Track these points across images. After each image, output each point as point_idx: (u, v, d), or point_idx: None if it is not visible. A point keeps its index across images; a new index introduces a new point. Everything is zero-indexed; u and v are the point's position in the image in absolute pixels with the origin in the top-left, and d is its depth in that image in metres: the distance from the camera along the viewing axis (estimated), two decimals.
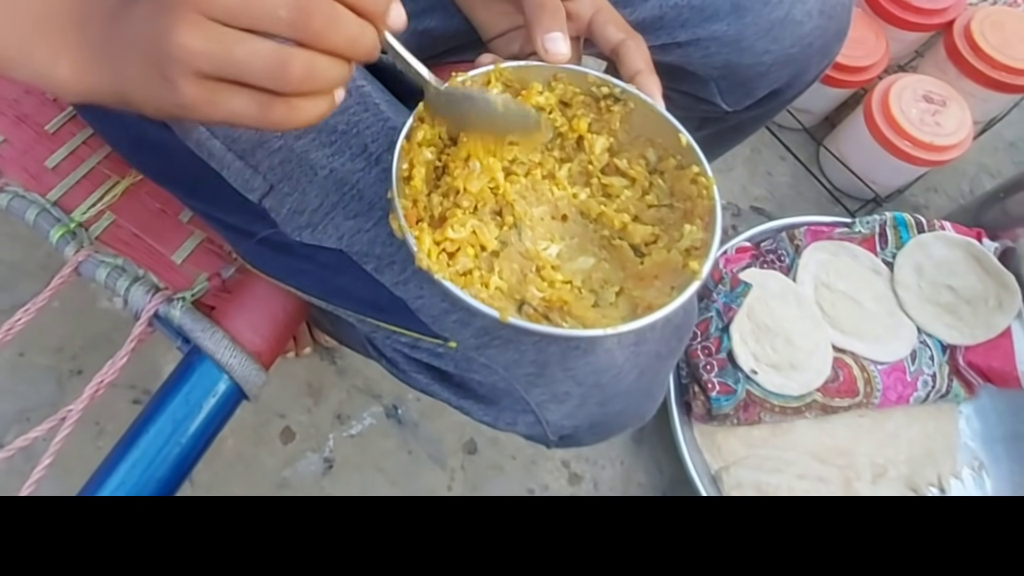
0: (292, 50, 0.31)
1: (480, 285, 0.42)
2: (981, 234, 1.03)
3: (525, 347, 0.46)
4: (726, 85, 0.66)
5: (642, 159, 0.48)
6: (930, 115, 1.09)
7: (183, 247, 0.55)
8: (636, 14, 0.60)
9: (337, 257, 0.46)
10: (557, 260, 0.45)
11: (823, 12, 0.61)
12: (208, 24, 0.31)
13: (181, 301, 0.51)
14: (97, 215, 0.54)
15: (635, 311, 0.42)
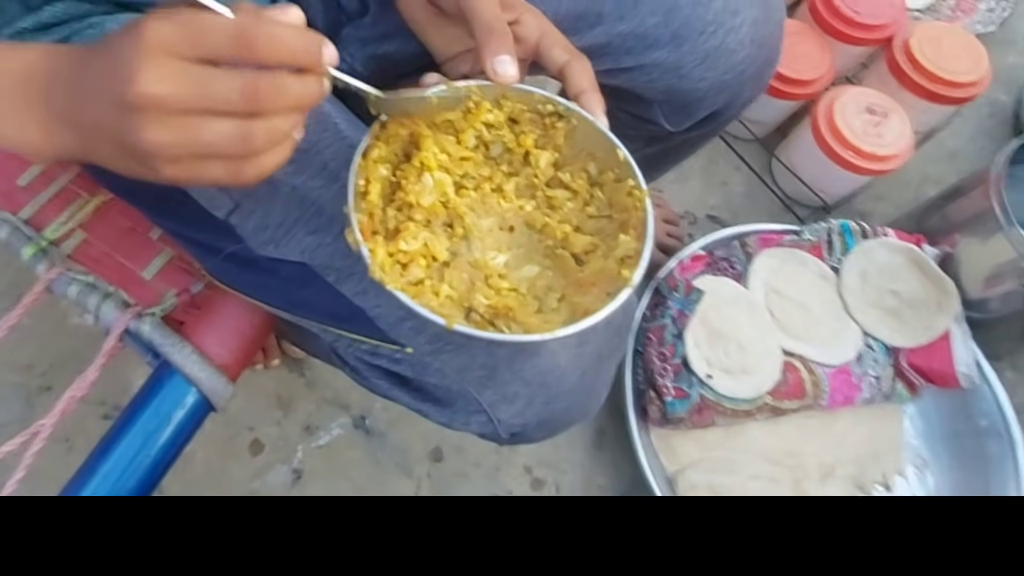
0: (251, 124, 0.36)
1: (431, 294, 0.47)
2: (921, 240, 1.11)
3: (476, 351, 0.52)
4: (668, 108, 0.72)
5: (584, 173, 0.53)
6: (872, 126, 1.17)
7: (152, 264, 0.59)
8: (584, 41, 0.66)
9: (300, 270, 0.51)
10: (504, 269, 0.50)
11: (754, 41, 0.68)
12: (168, 119, 0.35)
13: (151, 317, 0.55)
14: (68, 233, 0.59)
15: (574, 316, 0.47)
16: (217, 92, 0.35)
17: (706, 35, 0.65)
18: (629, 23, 0.65)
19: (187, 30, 0.35)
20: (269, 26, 0.35)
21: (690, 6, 0.64)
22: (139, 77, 0.34)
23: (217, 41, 0.35)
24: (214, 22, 0.35)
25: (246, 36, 0.35)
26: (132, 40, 0.35)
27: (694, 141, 0.84)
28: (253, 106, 0.36)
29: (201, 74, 0.35)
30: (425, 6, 0.56)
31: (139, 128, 0.35)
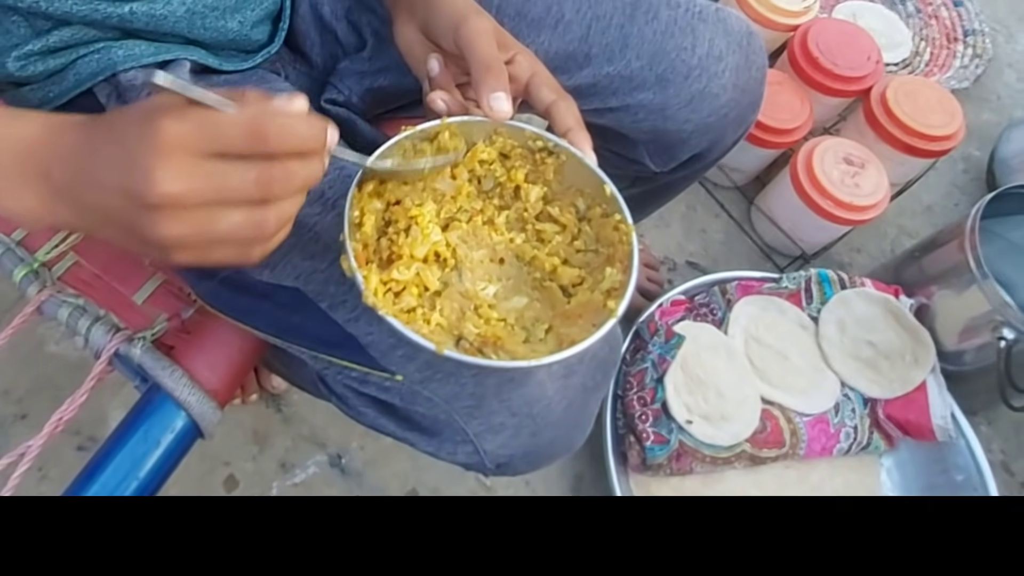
0: (263, 211, 0.40)
1: (422, 321, 0.51)
2: (899, 291, 1.18)
3: (464, 380, 0.56)
4: (654, 148, 0.79)
5: (572, 207, 0.58)
6: (850, 176, 1.25)
7: (144, 288, 0.63)
8: (573, 80, 0.72)
9: (294, 296, 0.55)
10: (494, 299, 0.54)
11: (737, 86, 0.75)
12: (184, 213, 0.38)
13: (141, 340, 0.59)
14: (60, 255, 0.62)
15: (561, 346, 0.51)
16: (233, 185, 0.38)
17: (691, 79, 0.71)
18: (616, 65, 0.71)
19: (203, 128, 0.38)
20: (279, 119, 0.39)
21: (675, 51, 0.70)
22: (157, 176, 0.37)
23: (232, 137, 0.38)
24: (228, 119, 0.38)
25: (259, 132, 0.38)
26: (148, 137, 0.38)
27: (677, 183, 0.90)
28: (267, 195, 0.39)
29: (216, 169, 0.38)
30: (422, 42, 0.62)
31: (155, 224, 0.38)
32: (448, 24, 0.58)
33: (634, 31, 0.71)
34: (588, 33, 0.71)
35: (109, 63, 0.58)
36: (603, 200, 0.56)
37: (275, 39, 0.69)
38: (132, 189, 0.38)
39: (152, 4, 0.56)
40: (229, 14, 0.62)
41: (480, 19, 0.57)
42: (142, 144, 0.38)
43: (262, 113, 0.39)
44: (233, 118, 0.38)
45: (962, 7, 1.71)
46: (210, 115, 0.38)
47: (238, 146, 0.38)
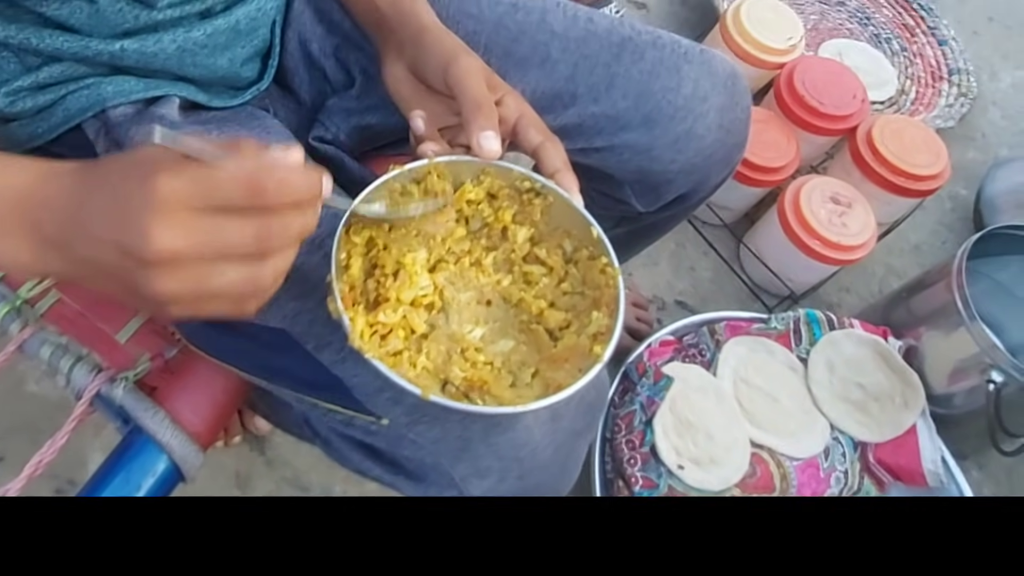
0: (260, 266, 0.41)
1: (408, 365, 0.52)
2: (887, 332, 1.21)
3: (450, 424, 0.57)
4: (640, 188, 0.81)
5: (559, 249, 0.60)
6: (837, 216, 1.29)
7: (127, 327, 0.64)
8: (559, 120, 0.74)
9: (279, 337, 0.56)
10: (481, 342, 0.56)
11: (722, 127, 0.77)
12: (180, 270, 0.39)
13: (124, 381, 0.60)
14: (42, 292, 0.63)
15: (547, 391, 0.53)
16: (231, 241, 0.40)
17: (676, 119, 0.74)
18: (601, 105, 0.73)
19: (200, 184, 0.39)
20: (277, 173, 0.40)
21: (661, 91, 0.73)
22: (154, 233, 0.38)
23: (230, 193, 0.39)
24: (225, 175, 0.39)
25: (257, 187, 0.40)
26: (145, 194, 0.38)
27: (663, 223, 0.93)
28: (265, 250, 0.41)
29: (214, 224, 0.39)
30: (411, 81, 0.64)
31: (150, 280, 0.39)
32: (438, 63, 0.60)
33: (620, 71, 0.73)
34: (574, 72, 0.73)
35: (98, 99, 0.60)
36: (590, 242, 0.58)
37: (264, 76, 0.71)
38: (127, 245, 0.39)
39: (143, 42, 0.58)
40: (219, 51, 0.64)
41: (470, 58, 0.60)
42: (138, 200, 0.39)
43: (259, 168, 0.40)
44: (230, 173, 0.39)
45: (946, 46, 1.77)
46: (206, 171, 0.39)
47: (236, 201, 0.39)
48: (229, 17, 0.63)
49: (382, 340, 0.52)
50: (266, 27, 0.69)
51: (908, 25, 1.82)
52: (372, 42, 0.71)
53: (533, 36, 0.73)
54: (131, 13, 0.57)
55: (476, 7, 0.74)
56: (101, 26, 0.57)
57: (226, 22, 0.63)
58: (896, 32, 1.82)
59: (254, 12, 0.65)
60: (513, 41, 0.73)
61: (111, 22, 0.56)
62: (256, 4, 0.65)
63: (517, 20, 0.74)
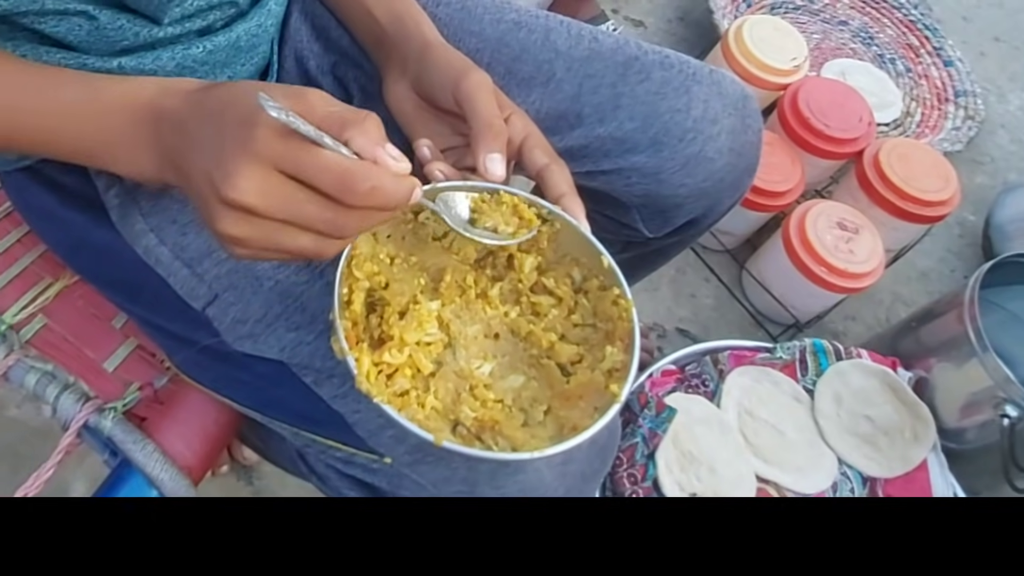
0: (328, 244, 0.45)
1: (417, 405, 0.51)
2: (896, 363, 1.22)
3: (456, 465, 0.57)
4: (647, 212, 0.81)
5: (568, 278, 0.60)
6: (844, 242, 1.30)
7: (115, 354, 0.63)
8: (564, 142, 0.74)
9: (276, 368, 0.56)
10: (489, 379, 0.55)
11: (733, 150, 0.78)
12: (252, 220, 0.43)
13: (112, 411, 0.59)
14: (28, 317, 0.63)
15: (561, 431, 0.53)
16: (306, 214, 0.43)
17: (685, 142, 0.74)
18: (608, 126, 0.74)
19: (296, 155, 0.42)
20: (372, 178, 0.43)
21: (669, 112, 0.73)
22: (239, 182, 0.42)
23: (320, 179, 0.43)
24: (323, 161, 0.43)
25: (346, 186, 0.43)
26: (242, 140, 0.42)
27: (669, 248, 0.93)
28: (336, 234, 0.44)
29: (294, 193, 0.43)
30: (414, 100, 0.64)
31: (223, 218, 0.43)
32: (445, 80, 0.60)
33: (626, 91, 0.73)
34: (579, 92, 0.74)
35: None
36: (600, 272, 0.58)
37: None
38: (214, 181, 0.43)
39: (141, 59, 0.58)
40: (219, 69, 0.64)
41: (479, 74, 0.60)
42: (235, 143, 0.43)
43: (356, 167, 0.43)
44: (328, 161, 0.43)
45: (952, 67, 1.80)
46: (307, 146, 0.43)
47: (323, 187, 0.43)
48: (229, 34, 0.63)
49: (388, 380, 0.51)
50: (266, 44, 0.69)
51: (912, 45, 1.85)
52: (372, 59, 0.71)
53: (536, 55, 0.74)
54: (131, 30, 0.57)
55: (478, 25, 0.74)
56: (100, 43, 0.57)
57: (226, 39, 0.63)
58: (900, 52, 1.84)
59: (254, 29, 0.65)
60: (516, 60, 0.74)
61: (110, 39, 0.56)
62: (256, 20, 0.65)
63: (520, 38, 0.74)
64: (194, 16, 0.60)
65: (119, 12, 0.56)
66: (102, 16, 0.55)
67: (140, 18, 0.57)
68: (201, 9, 0.60)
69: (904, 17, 1.87)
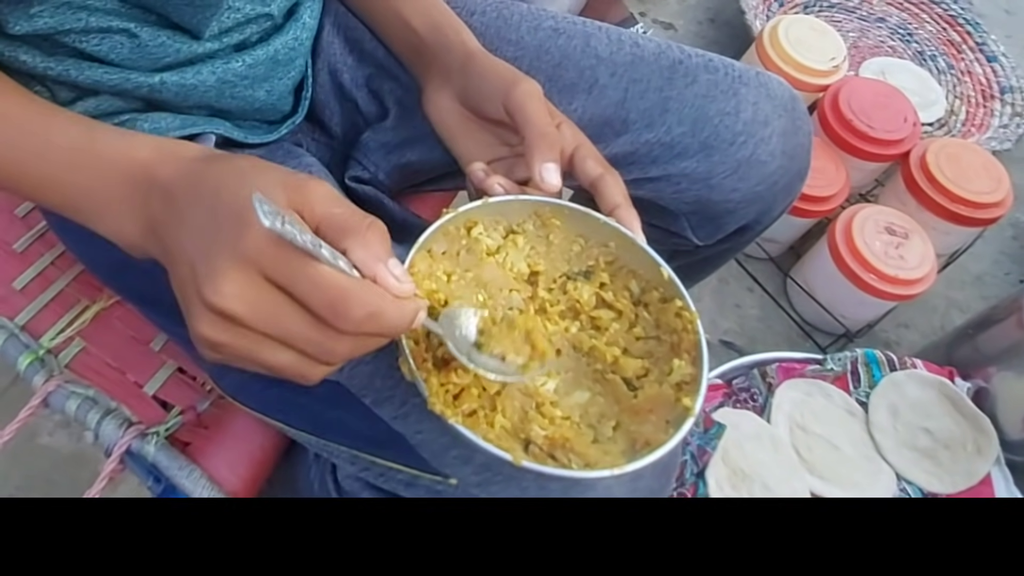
0: (313, 367, 0.43)
1: (486, 425, 0.52)
2: (954, 373, 1.22)
3: (527, 484, 0.57)
4: (697, 220, 0.82)
5: (626, 291, 0.61)
6: (894, 248, 1.30)
7: (155, 377, 0.65)
8: (609, 149, 0.76)
9: (333, 390, 0.57)
10: (555, 396, 0.56)
11: (785, 153, 0.79)
12: (231, 327, 0.41)
13: (155, 436, 0.60)
14: (66, 341, 0.64)
15: (634, 446, 0.53)
16: (292, 331, 0.41)
17: (736, 145, 0.75)
18: (656, 131, 0.75)
19: (289, 267, 0.40)
20: (370, 303, 0.41)
21: (719, 115, 0.74)
22: (222, 286, 0.40)
23: (313, 296, 0.41)
24: (317, 276, 0.40)
25: (341, 311, 0.40)
26: (234, 237, 0.40)
27: (718, 257, 0.94)
28: (322, 357, 0.42)
29: (282, 307, 0.41)
30: (458, 111, 0.66)
31: (201, 319, 0.41)
32: (494, 89, 0.62)
33: (673, 95, 0.75)
34: (625, 98, 0.75)
35: None
36: (660, 283, 0.59)
37: (299, 109, 0.73)
38: (197, 277, 0.41)
39: (183, 74, 0.60)
40: (258, 83, 0.66)
41: (530, 83, 0.61)
42: (224, 240, 0.41)
43: (353, 289, 0.41)
44: (321, 279, 0.40)
45: (996, 62, 1.80)
46: (303, 259, 0.40)
47: (313, 306, 0.41)
48: (268, 48, 0.65)
49: (455, 400, 0.52)
50: (303, 57, 0.71)
51: (954, 41, 1.86)
52: (409, 71, 0.72)
53: (578, 61, 0.75)
54: (172, 47, 0.59)
55: (515, 33, 0.76)
56: (142, 60, 0.59)
57: (265, 52, 0.65)
58: (941, 49, 1.85)
59: (291, 42, 0.67)
60: (557, 67, 0.75)
61: (152, 56, 0.58)
62: (292, 33, 0.67)
63: (559, 45, 0.76)
64: (232, 30, 0.62)
65: (160, 29, 0.58)
66: (143, 33, 0.57)
67: (180, 34, 0.59)
68: (239, 23, 0.62)
69: (944, 12, 1.88)
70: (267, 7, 0.63)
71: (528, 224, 0.61)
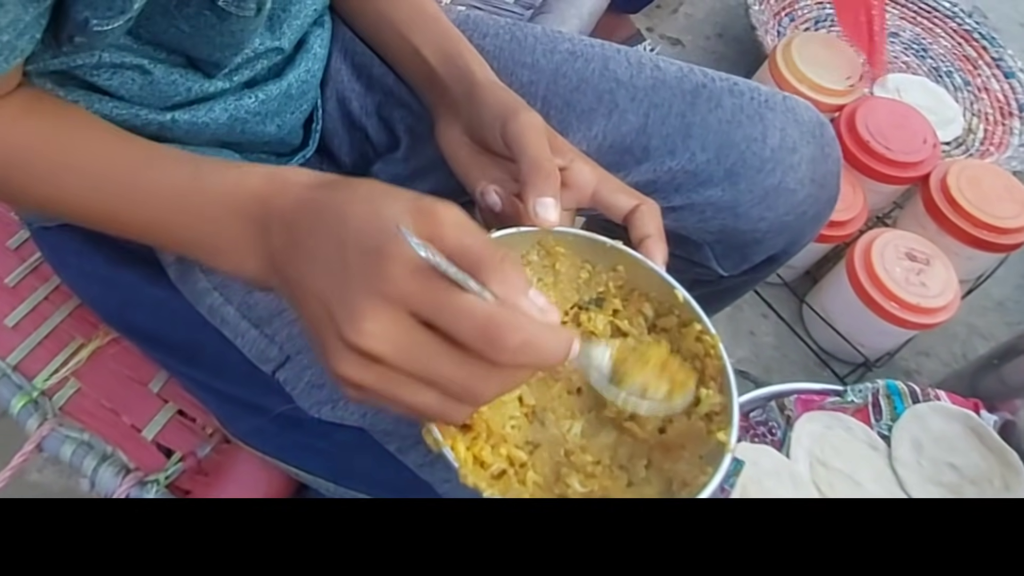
0: (459, 408, 0.42)
1: (518, 485, 0.51)
2: (979, 405, 1.21)
3: None
4: (722, 249, 0.82)
5: (640, 316, 0.60)
6: (915, 274, 1.30)
7: (154, 421, 0.64)
8: (630, 177, 0.75)
9: (356, 436, 0.56)
10: (583, 440, 0.55)
11: (814, 180, 0.78)
12: (374, 367, 0.40)
13: (155, 484, 0.59)
14: (61, 382, 0.63)
15: (670, 487, 0.53)
16: (439, 372, 0.40)
17: (764, 172, 0.74)
18: (679, 159, 0.74)
19: (435, 299, 0.39)
20: (523, 331, 0.39)
21: (744, 141, 0.73)
22: (366, 325, 0.39)
23: (460, 328, 0.39)
24: (467, 304, 0.39)
25: (493, 338, 0.39)
26: (373, 274, 0.39)
27: (740, 287, 0.94)
28: (467, 396, 0.41)
29: (428, 345, 0.39)
30: (468, 144, 0.65)
31: (342, 360, 0.40)
32: (493, 119, 0.61)
33: (696, 120, 0.74)
34: (646, 123, 0.74)
35: None
36: (675, 306, 0.58)
37: (310, 142, 0.72)
38: (335, 317, 0.40)
39: (195, 112, 0.59)
40: (270, 119, 0.65)
41: (529, 114, 0.60)
42: (364, 276, 0.40)
43: (505, 317, 0.39)
44: (471, 307, 0.39)
45: (1014, 78, 1.80)
46: (448, 288, 0.39)
47: (463, 337, 0.39)
48: (281, 83, 0.64)
49: (482, 465, 0.51)
50: (315, 89, 0.71)
51: (969, 56, 1.86)
52: (422, 99, 0.72)
53: (596, 85, 0.75)
54: (184, 85, 0.58)
55: (531, 56, 0.75)
56: (152, 97, 0.58)
57: (278, 88, 0.64)
58: (957, 65, 1.86)
59: (303, 75, 0.67)
60: (574, 91, 0.74)
61: (163, 94, 0.58)
62: (304, 66, 0.66)
63: (577, 68, 0.75)
64: (242, 67, 0.62)
65: (172, 67, 0.58)
66: (156, 71, 0.57)
67: (193, 72, 0.59)
68: (249, 59, 0.62)
69: (959, 27, 1.89)
70: (277, 40, 0.63)
71: (532, 255, 0.60)
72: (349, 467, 0.58)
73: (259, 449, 0.59)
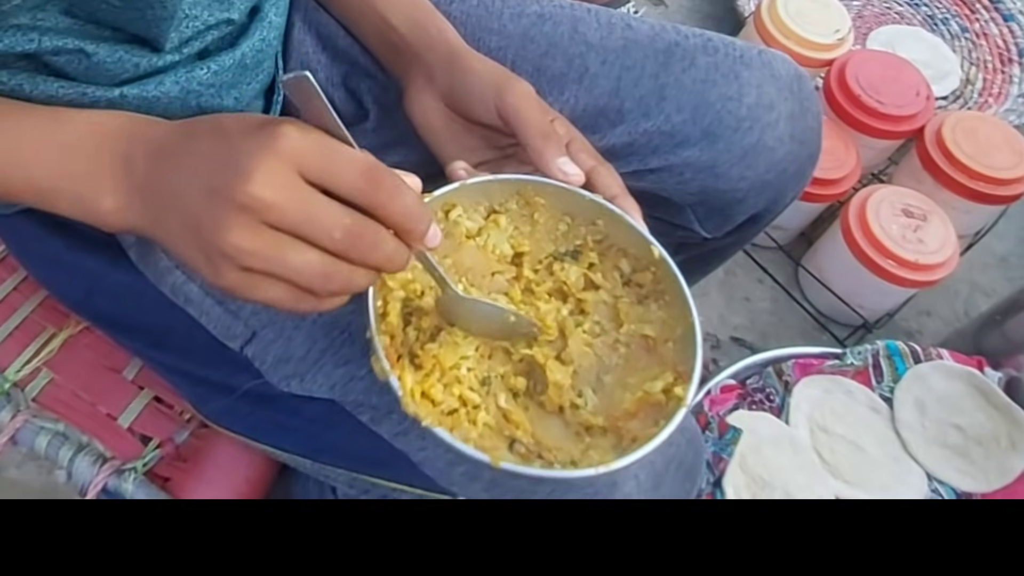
0: (337, 264, 0.45)
1: (468, 423, 0.53)
2: (983, 363, 1.23)
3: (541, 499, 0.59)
4: (703, 211, 0.84)
5: (616, 271, 0.62)
6: (912, 231, 1.32)
7: (129, 408, 0.66)
8: (606, 140, 0.77)
9: (328, 408, 0.58)
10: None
11: (794, 137, 0.80)
12: (262, 228, 0.44)
13: (133, 472, 0.61)
14: (33, 373, 0.65)
15: (621, 442, 0.54)
16: (322, 220, 0.44)
17: (741, 131, 0.76)
18: (654, 120, 0.76)
19: (321, 151, 0.44)
20: (397, 179, 0.46)
21: (720, 101, 0.75)
22: (255, 177, 0.43)
23: (346, 171, 0.45)
24: (348, 153, 0.45)
25: (374, 178, 0.45)
26: (262, 139, 0.44)
27: (727, 248, 0.96)
28: (348, 249, 0.45)
29: (313, 197, 0.44)
30: (443, 112, 0.67)
31: (229, 226, 0.44)
32: (484, 92, 0.63)
33: (670, 81, 0.76)
34: (618, 86, 0.76)
35: None
36: (651, 263, 0.61)
37: (271, 113, 0.74)
38: (221, 181, 0.44)
39: (144, 86, 0.61)
40: (225, 90, 0.67)
41: (522, 84, 0.63)
42: (253, 142, 0.44)
43: (381, 166, 0.46)
44: (355, 155, 0.45)
45: (1014, 21, 1.79)
46: (333, 144, 0.45)
47: (347, 182, 0.45)
48: (234, 53, 0.66)
49: (433, 400, 0.53)
50: (271, 59, 0.72)
51: (967, 1, 1.86)
52: (388, 69, 0.73)
53: (566, 49, 0.76)
54: (131, 62, 0.59)
55: (497, 21, 0.77)
56: (100, 76, 0.59)
57: (231, 58, 0.65)
58: (953, 11, 1.86)
59: (258, 44, 0.68)
60: (544, 56, 0.76)
61: (111, 71, 0.59)
62: (259, 35, 0.68)
63: (545, 32, 0.77)
64: (192, 40, 0.63)
65: (117, 44, 0.59)
66: (101, 51, 0.58)
67: (139, 48, 0.60)
68: (199, 31, 0.63)
69: None
70: (226, 12, 0.64)
71: (511, 203, 0.63)
72: (323, 442, 0.60)
73: (232, 430, 0.61)
